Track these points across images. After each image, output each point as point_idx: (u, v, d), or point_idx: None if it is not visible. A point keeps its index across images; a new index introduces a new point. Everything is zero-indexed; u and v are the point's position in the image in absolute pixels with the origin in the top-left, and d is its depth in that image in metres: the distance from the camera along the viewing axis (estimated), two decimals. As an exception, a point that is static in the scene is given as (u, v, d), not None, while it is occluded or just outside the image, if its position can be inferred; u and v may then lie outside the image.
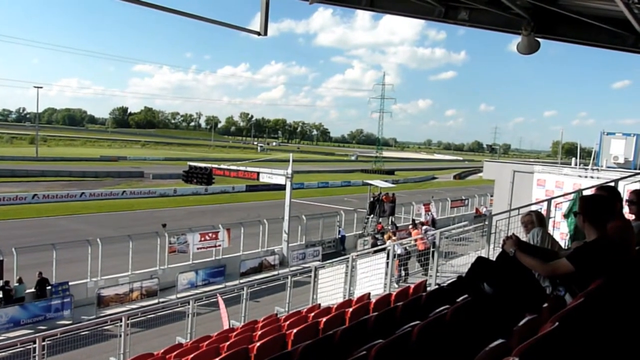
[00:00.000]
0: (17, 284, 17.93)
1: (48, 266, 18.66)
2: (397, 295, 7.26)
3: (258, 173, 27.86)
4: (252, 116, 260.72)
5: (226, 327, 11.48)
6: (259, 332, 6.92)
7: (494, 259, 4.95)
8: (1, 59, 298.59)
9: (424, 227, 19.28)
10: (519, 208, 10.31)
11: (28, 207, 40.94)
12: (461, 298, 4.61)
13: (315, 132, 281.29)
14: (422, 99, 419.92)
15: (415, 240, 15.39)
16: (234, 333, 7.81)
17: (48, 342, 10.14)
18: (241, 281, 22.00)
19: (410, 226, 19.68)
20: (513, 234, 4.40)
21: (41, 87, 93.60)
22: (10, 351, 13.30)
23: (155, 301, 19.86)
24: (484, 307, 4.02)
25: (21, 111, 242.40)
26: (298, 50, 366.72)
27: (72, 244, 20.20)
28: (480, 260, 4.94)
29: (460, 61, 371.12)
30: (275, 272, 24.40)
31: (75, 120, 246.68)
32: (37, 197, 44.39)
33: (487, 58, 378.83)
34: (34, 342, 9.90)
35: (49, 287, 18.62)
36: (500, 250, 4.53)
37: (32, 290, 18.48)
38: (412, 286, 7.92)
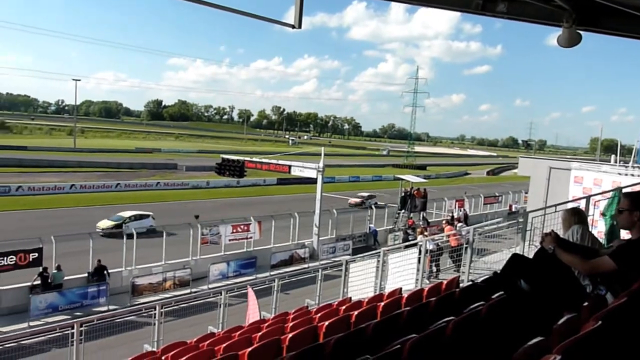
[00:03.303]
0: (55, 271, 18.46)
1: (85, 254, 19.14)
2: (429, 291, 7.19)
3: (289, 166, 27.97)
4: (284, 110, 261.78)
5: (254, 319, 11.56)
6: (290, 324, 6.95)
7: (530, 256, 4.85)
8: (42, 52, 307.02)
9: (459, 224, 19.04)
10: (555, 205, 10.06)
11: (66, 197, 42.06)
12: (496, 295, 4.53)
13: (346, 126, 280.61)
14: (455, 93, 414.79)
15: (448, 236, 15.21)
16: (266, 324, 7.87)
17: (85, 327, 10.40)
18: (272, 273, 22.17)
19: (444, 222, 19.47)
20: (552, 230, 4.30)
21: (79, 80, 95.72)
22: (49, 335, 13.75)
23: (188, 291, 20.21)
24: (521, 304, 3.94)
25: (60, 103, 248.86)
26: (331, 43, 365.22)
27: (108, 233, 20.66)
28: (515, 257, 4.84)
29: (495, 55, 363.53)
30: (306, 265, 24.52)
31: (111, 112, 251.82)
32: (75, 187, 45.64)
33: (524, 52, 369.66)
34: (72, 328, 10.17)
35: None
36: (539, 247, 4.43)
37: (83, 275, 19.17)
38: (445, 282, 7.83)
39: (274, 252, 24.50)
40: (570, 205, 7.79)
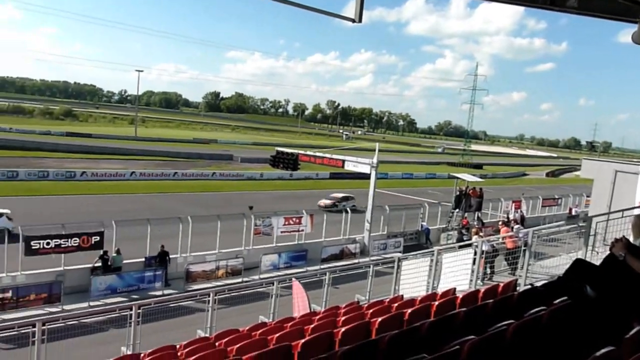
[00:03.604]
0: (115, 255, 19.17)
1: (143, 240, 19.78)
2: (485, 293, 7.02)
3: (343, 161, 27.92)
4: (338, 104, 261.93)
5: (303, 311, 11.62)
6: (342, 318, 6.94)
7: (595, 262, 4.65)
8: (108, 43, 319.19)
9: (516, 226, 18.48)
10: (622, 210, 9.60)
11: (126, 184, 43.69)
12: (559, 300, 4.38)
13: (401, 122, 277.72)
14: (516, 91, 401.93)
15: (504, 237, 14.80)
16: (317, 317, 7.90)
17: (142, 310, 10.77)
18: (322, 267, 22.27)
19: (500, 223, 18.94)
20: (623, 236, 4.09)
21: (142, 71, 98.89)
22: (108, 316, 14.35)
23: (239, 280, 20.56)
24: (587, 311, 3.78)
25: (123, 93, 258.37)
26: (388, 38, 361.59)
27: (165, 221, 21.24)
28: (579, 262, 4.64)
29: (560, 52, 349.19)
30: (356, 261, 24.47)
31: (171, 103, 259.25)
32: (135, 175, 47.37)
33: (591, 49, 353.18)
34: (131, 310, 10.56)
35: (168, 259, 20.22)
36: (601, 252, 4.24)
37: (141, 260, 19.84)
38: (501, 285, 7.63)
39: (325, 246, 24.58)
40: (638, 212, 7.41)
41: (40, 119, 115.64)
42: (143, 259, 19.85)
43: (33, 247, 17.44)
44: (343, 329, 5.38)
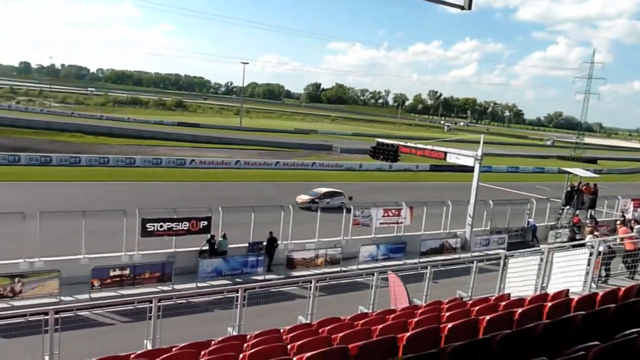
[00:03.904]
0: (221, 239, 20.09)
1: (246, 226, 20.54)
2: (603, 297, 6.52)
3: (445, 153, 27.17)
4: (440, 94, 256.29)
5: (402, 304, 11.49)
6: (446, 314, 6.77)
7: None
8: (215, 37, 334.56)
9: (637, 226, 17.05)
10: None
11: (231, 172, 45.67)
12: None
13: (507, 113, 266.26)
14: (638, 79, 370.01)
15: (622, 238, 13.70)
16: (419, 311, 7.77)
17: (248, 293, 11.20)
18: (421, 260, 21.93)
19: (618, 222, 17.53)
20: None
21: (247, 63, 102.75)
22: (214, 297, 15.10)
23: (337, 269, 20.78)
24: None
25: (229, 85, 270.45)
26: (495, 25, 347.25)
27: (268, 208, 21.90)
28: None
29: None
30: (456, 256, 23.86)
31: (273, 94, 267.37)
32: (239, 163, 49.46)
33: None
34: (237, 292, 11.02)
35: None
36: None
37: (244, 245, 20.62)
38: (623, 289, 7.06)
39: (424, 240, 24.14)
40: None
41: (154, 110, 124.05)
42: (247, 244, 20.62)
43: (148, 229, 18.73)
44: (449, 325, 5.23)
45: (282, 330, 7.49)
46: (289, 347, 5.76)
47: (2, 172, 35.59)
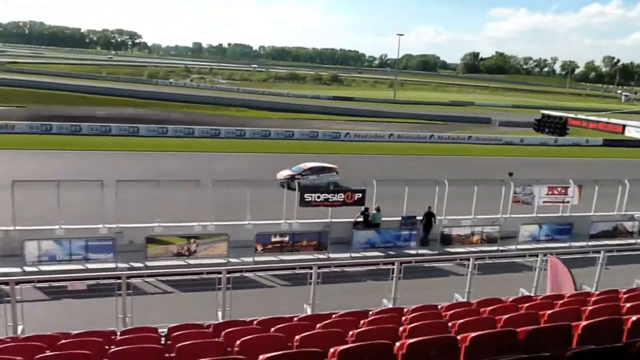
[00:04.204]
0: (375, 212, 20.33)
1: (399, 199, 20.48)
2: None
3: (624, 126, 24.59)
4: (618, 60, 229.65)
5: (563, 290, 10.65)
6: (626, 304, 6.11)
7: None
8: (369, 10, 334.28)
9: None
10: None
11: (384, 145, 45.75)
12: None
13: None
14: None
15: None
16: (591, 299, 7.13)
17: (403, 266, 11.24)
18: (589, 243, 20.15)
19: None
20: None
21: (402, 35, 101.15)
22: (367, 268, 15.44)
23: (495, 248, 19.94)
24: None
25: (383, 57, 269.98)
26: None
27: (422, 183, 21.55)
28: None
29: None
30: (633, 241, 21.53)
31: (428, 65, 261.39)
32: (393, 137, 49.33)
33: None
34: (393, 264, 11.11)
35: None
36: None
37: (397, 218, 20.51)
38: None
39: (594, 221, 22.01)
40: None
41: (311, 84, 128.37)
42: (400, 218, 20.61)
43: (306, 200, 19.62)
44: (633, 318, 4.71)
45: (439, 307, 7.38)
46: (449, 324, 5.65)
47: (176, 143, 39.79)
